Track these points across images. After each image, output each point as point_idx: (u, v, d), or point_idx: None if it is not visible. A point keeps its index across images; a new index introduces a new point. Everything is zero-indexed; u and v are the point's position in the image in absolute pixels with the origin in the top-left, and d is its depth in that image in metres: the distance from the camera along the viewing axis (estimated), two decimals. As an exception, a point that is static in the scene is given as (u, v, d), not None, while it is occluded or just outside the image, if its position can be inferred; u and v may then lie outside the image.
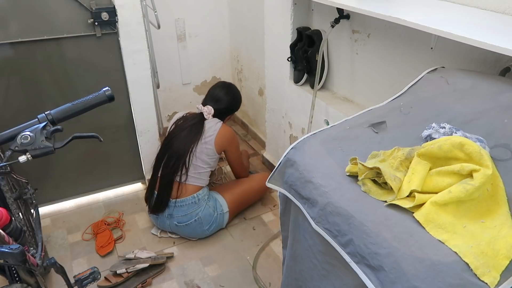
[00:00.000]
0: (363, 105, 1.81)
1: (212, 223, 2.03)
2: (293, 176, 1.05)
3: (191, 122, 2.03)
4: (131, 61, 2.09)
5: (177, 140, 1.98)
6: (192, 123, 2.02)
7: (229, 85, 2.19)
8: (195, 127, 2.01)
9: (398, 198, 0.85)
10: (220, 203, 2.06)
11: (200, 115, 2.06)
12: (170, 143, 2.00)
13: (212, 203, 2.03)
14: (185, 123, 2.03)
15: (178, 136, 1.99)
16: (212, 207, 2.02)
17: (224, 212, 2.06)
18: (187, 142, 1.97)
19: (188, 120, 2.04)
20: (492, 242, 0.74)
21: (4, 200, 1.51)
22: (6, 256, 1.08)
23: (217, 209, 2.04)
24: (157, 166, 2.03)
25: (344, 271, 0.92)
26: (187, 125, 2.01)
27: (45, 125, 1.13)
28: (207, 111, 2.05)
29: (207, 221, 2.00)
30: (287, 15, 1.99)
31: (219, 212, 2.04)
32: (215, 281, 1.84)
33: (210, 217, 2.01)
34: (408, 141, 1.00)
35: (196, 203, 1.97)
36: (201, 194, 1.98)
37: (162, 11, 2.46)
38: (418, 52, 1.47)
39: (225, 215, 2.07)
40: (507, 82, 1.07)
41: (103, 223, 2.14)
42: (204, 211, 1.98)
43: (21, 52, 1.90)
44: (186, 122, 2.04)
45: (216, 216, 2.03)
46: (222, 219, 2.07)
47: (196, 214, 1.97)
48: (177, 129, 2.03)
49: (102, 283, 1.79)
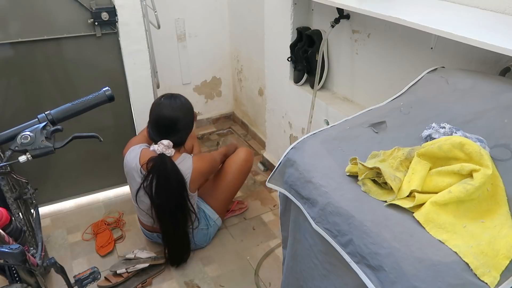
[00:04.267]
0: (363, 105, 1.81)
1: (208, 238, 2.01)
2: (293, 176, 1.05)
3: (163, 174, 1.67)
4: (131, 61, 2.09)
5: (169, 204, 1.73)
6: (166, 174, 1.67)
7: (170, 96, 1.79)
8: (175, 178, 1.68)
9: (398, 198, 0.85)
10: (209, 215, 1.97)
11: (164, 159, 1.68)
12: (164, 210, 1.74)
13: (203, 223, 1.94)
14: (160, 179, 1.68)
15: (168, 197, 1.72)
16: (204, 225, 1.95)
17: (215, 220, 2.00)
18: (182, 200, 1.73)
19: (160, 174, 1.68)
20: (492, 242, 0.74)
21: (4, 200, 1.51)
22: (6, 256, 1.08)
23: (209, 222, 1.97)
24: None
25: (345, 271, 0.92)
26: (165, 180, 1.68)
27: (45, 125, 1.13)
28: (165, 148, 1.69)
29: (204, 241, 1.99)
30: (287, 15, 1.99)
31: (212, 224, 1.99)
32: (215, 281, 1.84)
33: (204, 236, 1.98)
34: (408, 141, 1.00)
35: (190, 233, 1.88)
36: None
37: (162, 11, 2.46)
38: (418, 52, 1.47)
39: (218, 221, 2.02)
40: (507, 82, 1.07)
41: (103, 223, 2.14)
42: (198, 236, 1.93)
43: (21, 52, 1.90)
44: (159, 178, 1.68)
45: (210, 229, 1.99)
46: (216, 226, 2.04)
47: (192, 246, 1.93)
48: (159, 189, 1.69)
49: (102, 283, 1.79)
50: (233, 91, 3.19)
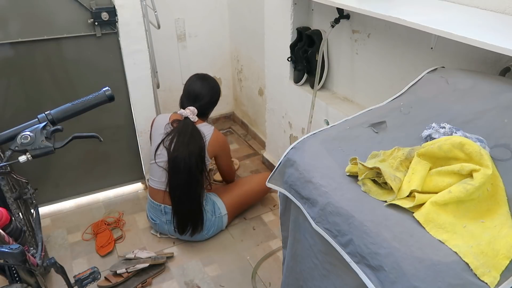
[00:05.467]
0: (363, 105, 1.81)
1: (211, 227, 2.02)
2: (293, 176, 1.05)
3: (184, 131, 1.88)
4: (131, 61, 2.09)
5: (183, 160, 1.85)
6: (190, 133, 1.88)
7: (203, 76, 2.06)
8: (194, 137, 1.87)
9: (398, 198, 0.85)
10: (218, 206, 2.04)
11: (187, 121, 1.91)
12: (179, 165, 1.86)
13: (210, 207, 2.01)
14: (183, 136, 1.88)
15: (184, 154, 1.85)
16: (210, 211, 2.01)
17: (223, 215, 2.05)
18: (197, 158, 1.86)
19: (181, 131, 1.89)
20: (492, 242, 0.74)
21: (4, 200, 1.51)
22: (6, 256, 1.08)
23: (216, 212, 2.03)
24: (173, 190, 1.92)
25: (345, 271, 0.92)
26: (184, 138, 1.87)
27: (45, 125, 1.13)
28: (190, 113, 1.92)
29: (206, 226, 1.99)
30: (287, 15, 1.99)
31: (218, 216, 2.03)
32: (215, 281, 1.84)
33: (208, 222, 1.99)
34: (408, 141, 1.00)
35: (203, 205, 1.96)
36: None
37: (162, 11, 2.46)
38: (418, 52, 1.47)
39: (224, 218, 2.06)
40: (507, 82, 1.07)
41: (103, 223, 2.14)
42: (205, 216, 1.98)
43: (21, 52, 1.90)
44: (183, 134, 1.88)
45: (215, 220, 2.02)
46: (221, 221, 2.06)
47: None
48: (177, 145, 1.87)
49: (102, 283, 1.79)
50: (233, 91, 3.19)
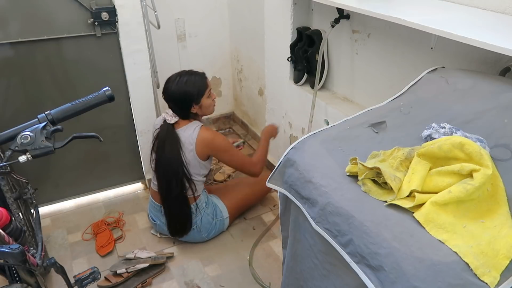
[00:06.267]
0: (363, 105, 1.81)
1: (211, 230, 2.01)
2: (293, 176, 1.05)
3: (161, 136, 1.88)
4: (131, 61, 2.09)
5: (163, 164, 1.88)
6: (165, 138, 1.86)
7: (179, 73, 1.89)
8: (169, 142, 1.85)
9: (398, 198, 0.85)
10: (220, 209, 2.02)
11: (165, 125, 1.88)
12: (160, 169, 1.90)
13: (211, 210, 1.99)
14: (160, 141, 1.88)
15: (163, 158, 1.87)
16: (211, 214, 1.99)
17: (225, 218, 2.04)
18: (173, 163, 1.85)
19: (160, 136, 1.89)
20: (492, 242, 0.74)
21: (4, 200, 1.51)
22: (6, 256, 1.08)
23: (217, 215, 2.01)
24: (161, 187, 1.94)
25: (345, 271, 0.92)
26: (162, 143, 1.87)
27: (45, 125, 1.13)
28: (169, 116, 1.88)
29: (206, 229, 1.99)
30: (287, 15, 1.99)
31: (219, 219, 2.01)
32: (215, 281, 1.84)
33: (208, 225, 1.98)
34: (408, 141, 1.00)
35: (194, 212, 1.94)
36: (199, 202, 1.95)
37: (162, 11, 2.46)
38: (418, 52, 1.47)
39: (226, 221, 2.05)
40: (507, 82, 1.07)
41: (103, 223, 2.14)
42: (202, 219, 1.96)
43: (21, 52, 1.90)
44: (160, 140, 1.88)
45: (216, 223, 2.01)
46: (223, 224, 2.05)
47: (194, 223, 1.95)
48: (158, 150, 1.89)
49: (102, 283, 1.79)
50: (233, 91, 3.19)
